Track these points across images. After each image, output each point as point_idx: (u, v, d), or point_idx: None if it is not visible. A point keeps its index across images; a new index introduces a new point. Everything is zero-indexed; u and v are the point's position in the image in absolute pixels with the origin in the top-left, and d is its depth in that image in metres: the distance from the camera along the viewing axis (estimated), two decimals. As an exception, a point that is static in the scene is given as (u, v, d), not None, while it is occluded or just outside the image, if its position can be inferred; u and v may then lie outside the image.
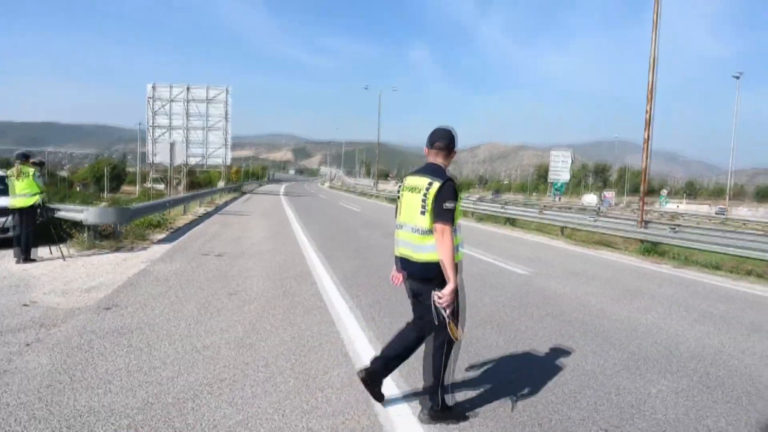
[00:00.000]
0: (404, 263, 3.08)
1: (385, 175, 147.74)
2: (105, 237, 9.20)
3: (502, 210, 21.13)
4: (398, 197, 3.13)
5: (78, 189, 76.42)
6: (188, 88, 32.71)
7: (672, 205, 65.25)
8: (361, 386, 3.40)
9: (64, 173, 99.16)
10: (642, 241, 12.84)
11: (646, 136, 14.71)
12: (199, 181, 64.87)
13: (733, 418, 3.40)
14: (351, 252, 9.87)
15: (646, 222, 16.00)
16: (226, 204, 23.48)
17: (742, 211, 59.50)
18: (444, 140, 3.07)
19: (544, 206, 44.41)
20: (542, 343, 4.73)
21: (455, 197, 2.91)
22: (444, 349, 3.02)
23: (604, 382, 3.89)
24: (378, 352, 3.30)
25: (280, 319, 5.02)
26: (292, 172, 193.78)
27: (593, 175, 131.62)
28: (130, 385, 3.38)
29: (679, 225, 18.91)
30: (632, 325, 5.56)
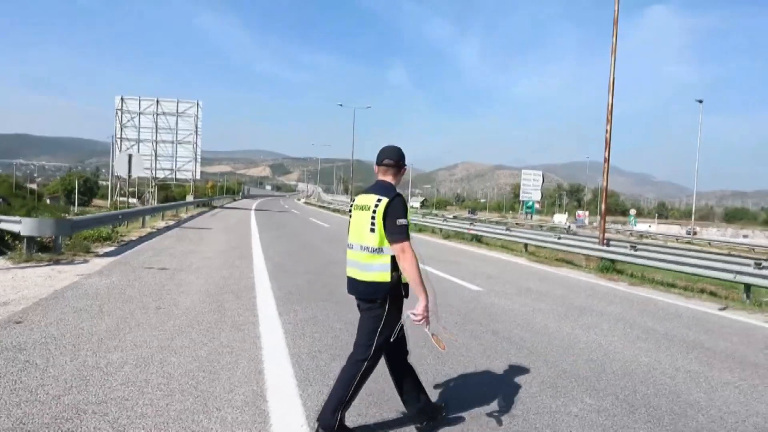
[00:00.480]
0: (351, 284, 2.97)
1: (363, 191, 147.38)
2: (46, 249, 8.82)
3: (469, 227, 21.17)
4: (349, 216, 3.06)
5: (48, 202, 74.72)
6: (158, 101, 32.32)
7: (644, 226, 66.48)
8: (262, 404, 3.21)
9: (33, 186, 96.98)
10: (601, 258, 12.90)
11: (606, 156, 14.90)
12: (174, 195, 63.90)
13: (649, 438, 3.28)
14: (306, 267, 9.66)
15: (608, 240, 16.17)
16: (191, 218, 23.02)
17: (712, 231, 60.89)
18: (393, 158, 3.03)
19: (516, 224, 44.85)
20: (474, 361, 4.59)
21: (405, 213, 2.83)
22: (365, 371, 2.89)
23: (525, 401, 3.75)
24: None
25: (201, 335, 4.78)
26: (268, 188, 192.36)
27: (568, 195, 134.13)
28: (8, 403, 3.12)
29: (639, 244, 19.20)
30: (571, 343, 5.46)
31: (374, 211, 2.85)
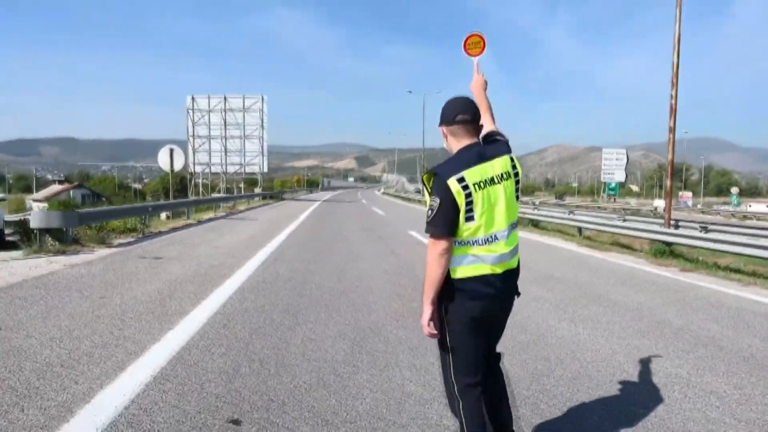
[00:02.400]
0: (508, 280, 2.21)
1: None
2: (60, 241, 9.11)
3: (531, 211, 19.76)
4: (469, 201, 2.08)
5: (149, 199, 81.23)
6: (225, 98, 33.46)
7: (761, 206, 59.59)
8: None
9: (137, 185, 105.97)
10: (663, 242, 11.27)
11: (671, 125, 13.10)
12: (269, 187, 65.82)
13: None
14: (310, 256, 9.27)
15: (677, 222, 14.29)
16: (248, 210, 23.57)
17: None
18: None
19: (598, 207, 41.60)
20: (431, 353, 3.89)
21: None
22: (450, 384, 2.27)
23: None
24: None
25: (108, 324, 4.46)
26: (351, 179, 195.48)
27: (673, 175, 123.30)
28: None
29: (721, 225, 16.84)
30: (541, 336, 4.55)
31: (516, 173, 2.21)
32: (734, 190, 55.29)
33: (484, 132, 2.33)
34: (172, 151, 15.66)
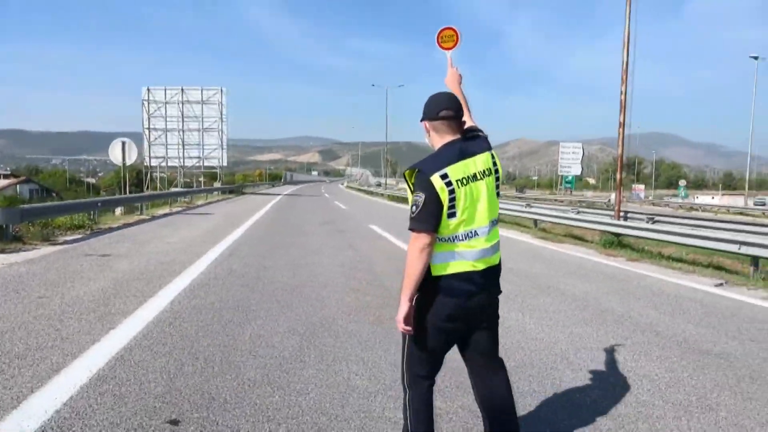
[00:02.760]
0: (489, 276, 2.19)
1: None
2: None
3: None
4: (452, 198, 2.06)
5: (103, 194, 78.39)
6: (183, 90, 32.59)
7: (707, 198, 62.37)
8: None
9: (91, 180, 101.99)
10: (612, 233, 11.65)
11: (621, 120, 13.52)
12: (231, 181, 64.45)
13: None
14: (265, 251, 9.17)
15: (626, 214, 14.81)
16: (205, 204, 23.09)
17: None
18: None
19: (555, 200, 42.67)
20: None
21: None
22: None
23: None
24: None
25: (45, 324, 4.29)
26: (315, 173, 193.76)
27: (625, 168, 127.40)
28: None
29: (668, 216, 17.56)
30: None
31: (497, 170, 2.20)
32: (682, 182, 57.72)
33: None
34: (124, 144, 15.14)
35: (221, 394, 3.11)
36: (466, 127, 2.29)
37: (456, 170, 2.08)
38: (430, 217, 2.04)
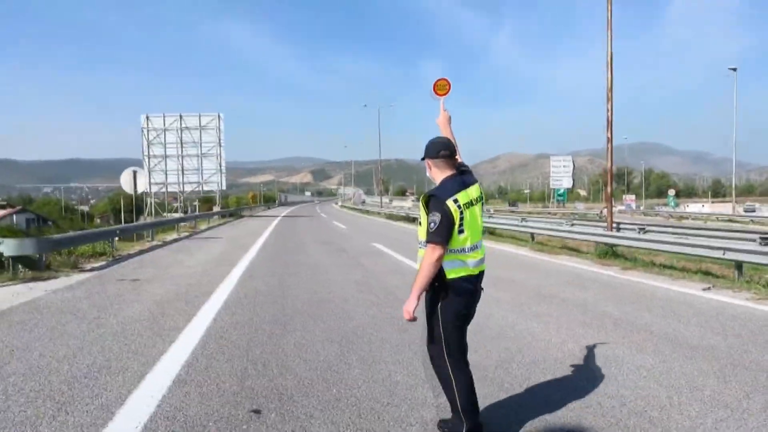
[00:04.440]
0: (480, 278, 2.90)
1: (402, 192, 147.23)
2: (32, 267, 9.21)
3: (486, 219, 20.76)
4: (461, 218, 2.73)
5: (98, 222, 78.31)
6: (181, 117, 33.27)
7: (697, 207, 63.47)
8: (115, 408, 3.21)
9: (85, 207, 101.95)
10: (602, 244, 12.33)
11: (609, 135, 14.30)
12: (211, 207, 65.46)
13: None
14: (281, 271, 9.74)
15: (618, 225, 15.50)
16: (209, 229, 23.62)
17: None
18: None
19: (549, 213, 43.40)
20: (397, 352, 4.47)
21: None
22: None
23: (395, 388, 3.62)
24: None
25: (115, 342, 4.85)
26: (308, 193, 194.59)
27: (615, 179, 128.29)
28: None
29: (658, 226, 18.29)
30: (501, 331, 5.24)
31: (481, 197, 2.90)
32: (671, 192, 58.89)
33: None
34: (135, 172, 15.72)
35: (287, 389, 3.68)
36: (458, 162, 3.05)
37: (462, 197, 2.75)
38: (446, 233, 2.71)
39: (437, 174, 2.90)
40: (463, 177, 2.87)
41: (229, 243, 16.08)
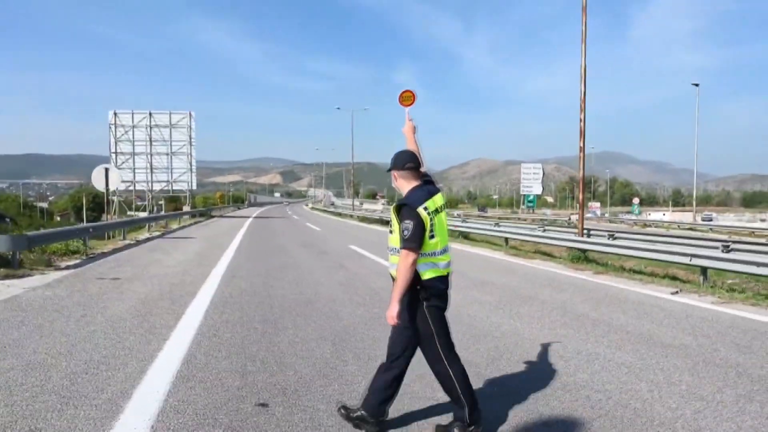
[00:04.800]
0: (449, 279, 3.12)
1: (372, 195, 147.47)
2: (5, 264, 8.98)
3: (460, 224, 21.09)
4: (432, 224, 2.95)
5: (58, 219, 75.69)
6: (151, 114, 32.67)
7: (658, 215, 65.62)
8: (122, 402, 3.25)
9: (43, 204, 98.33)
10: (577, 249, 12.76)
11: (581, 144, 14.78)
12: (181, 206, 64.37)
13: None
14: (263, 271, 9.76)
15: (588, 231, 16.04)
16: (181, 228, 23.27)
17: (729, 217, 59.61)
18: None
19: (518, 219, 44.40)
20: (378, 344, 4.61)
21: None
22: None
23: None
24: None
25: (107, 339, 4.84)
26: (278, 195, 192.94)
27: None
28: None
29: (625, 233, 18.98)
30: (488, 330, 5.44)
31: (444, 206, 3.10)
32: (635, 200, 60.92)
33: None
34: (107, 170, 15.42)
35: (290, 385, 3.79)
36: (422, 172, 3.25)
37: (430, 204, 2.96)
38: (419, 239, 2.91)
39: (404, 184, 3.08)
40: (428, 187, 3.08)
41: (204, 243, 15.94)
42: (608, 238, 14.11)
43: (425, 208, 2.90)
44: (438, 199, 3.03)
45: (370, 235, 21.12)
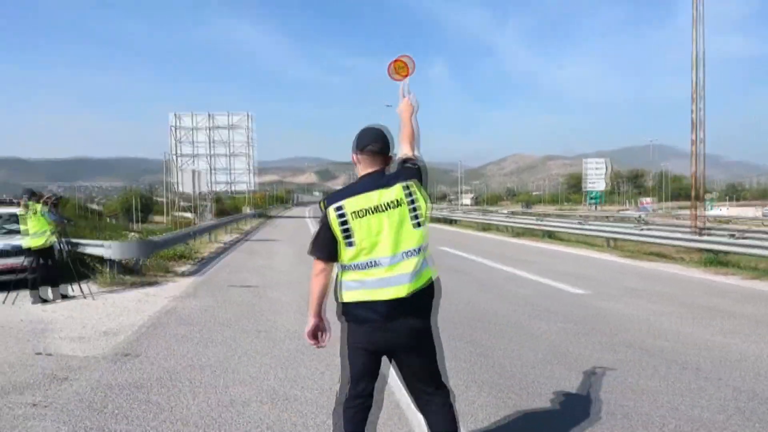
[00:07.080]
0: (397, 306, 2.15)
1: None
2: (129, 271, 8.77)
3: (539, 222, 20.23)
4: (345, 229, 2.18)
5: (108, 220, 77.81)
6: (210, 115, 32.88)
7: (717, 210, 62.54)
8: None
9: (94, 206, 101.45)
10: (702, 250, 11.77)
11: (693, 138, 13.83)
12: (225, 207, 65.49)
13: None
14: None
15: (702, 229, 14.96)
16: (253, 230, 23.19)
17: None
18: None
19: (580, 216, 42.79)
20: (626, 381, 3.98)
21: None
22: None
23: (721, 434, 3.13)
24: None
25: (319, 362, 4.38)
26: (317, 194, 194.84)
27: (627, 182, 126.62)
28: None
29: (739, 231, 17.71)
30: (725, 354, 4.75)
31: (412, 201, 2.21)
32: (708, 195, 58.07)
33: (399, 157, 2.39)
34: (195, 173, 15.33)
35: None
36: (404, 157, 2.39)
37: (351, 203, 2.18)
38: (321, 245, 2.22)
39: (360, 171, 2.33)
40: (378, 177, 2.26)
41: (289, 245, 15.63)
42: (729, 238, 13.09)
43: (338, 208, 2.18)
44: (380, 195, 2.19)
45: (451, 235, 20.50)
